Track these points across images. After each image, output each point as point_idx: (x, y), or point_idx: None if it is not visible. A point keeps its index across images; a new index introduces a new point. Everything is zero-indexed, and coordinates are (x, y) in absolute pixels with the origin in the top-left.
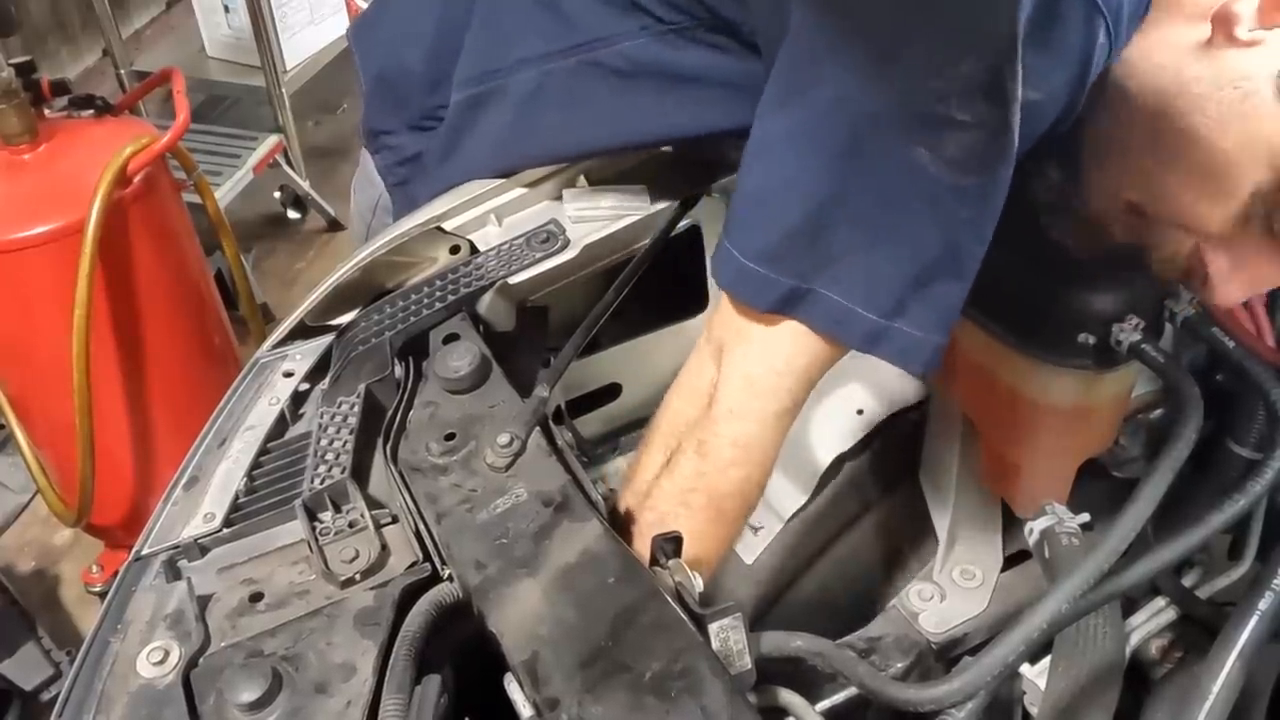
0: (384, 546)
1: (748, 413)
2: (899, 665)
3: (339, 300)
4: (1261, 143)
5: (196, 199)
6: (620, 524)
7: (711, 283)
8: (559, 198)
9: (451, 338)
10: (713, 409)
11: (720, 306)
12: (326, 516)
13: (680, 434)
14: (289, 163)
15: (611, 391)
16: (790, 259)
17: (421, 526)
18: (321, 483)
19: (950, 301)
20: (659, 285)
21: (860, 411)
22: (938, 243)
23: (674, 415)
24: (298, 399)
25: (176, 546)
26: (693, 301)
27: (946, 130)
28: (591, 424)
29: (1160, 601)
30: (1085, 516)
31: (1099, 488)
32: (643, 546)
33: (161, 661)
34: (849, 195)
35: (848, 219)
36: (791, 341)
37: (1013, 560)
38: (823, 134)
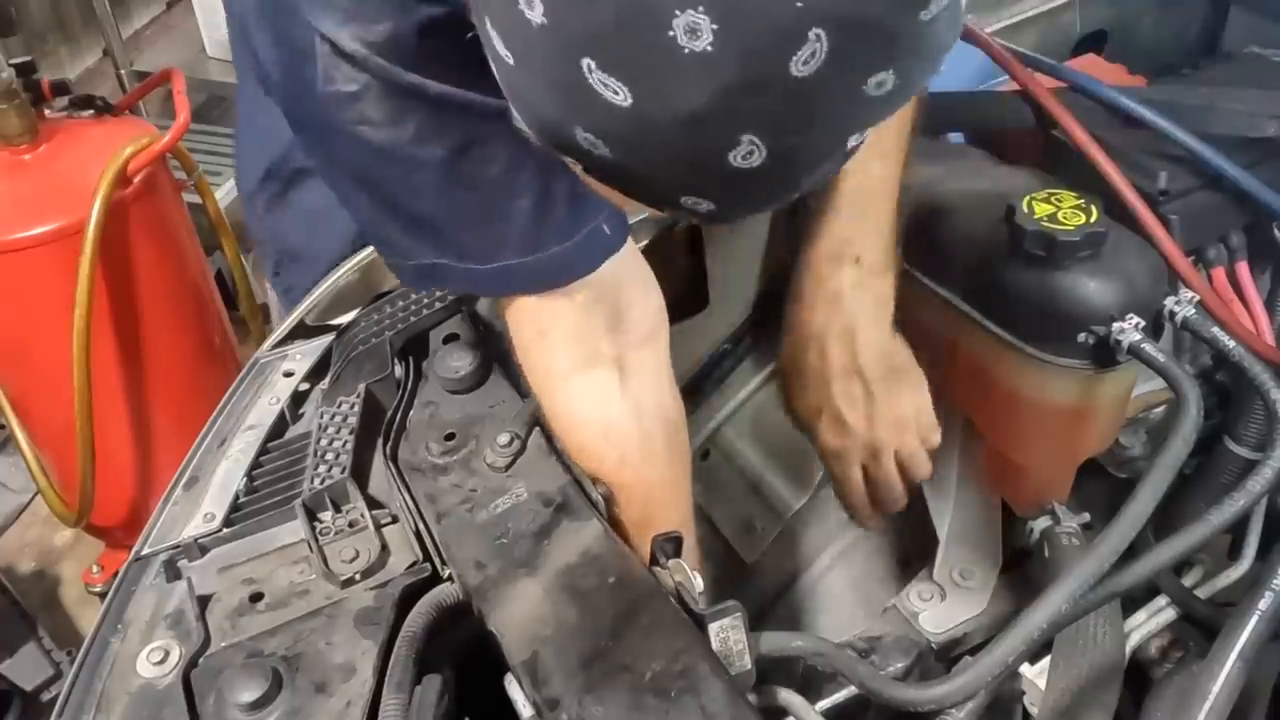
0: (384, 546)
1: (537, 390)
2: (899, 665)
3: (339, 300)
4: None
5: (197, 199)
6: None
7: (713, 281)
8: None
9: (451, 338)
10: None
11: None
12: (326, 516)
13: None
14: None
15: None
16: (391, 246)
17: (421, 526)
18: (321, 483)
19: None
20: (659, 285)
21: None
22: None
23: None
24: (298, 399)
25: (177, 546)
26: (692, 301)
27: (351, 103)
28: None
29: (1160, 601)
30: (1085, 516)
31: (1099, 487)
32: None
33: (161, 661)
34: (356, 182)
35: (370, 195)
36: (512, 316)
37: (1013, 560)
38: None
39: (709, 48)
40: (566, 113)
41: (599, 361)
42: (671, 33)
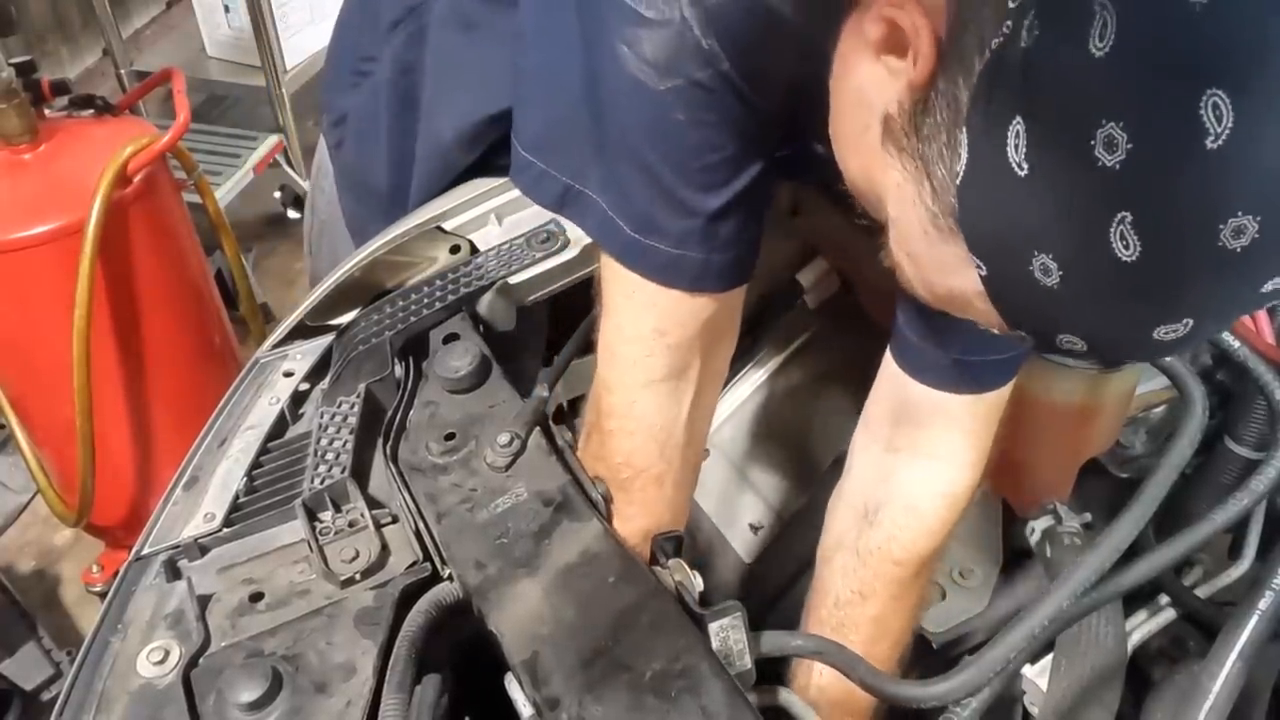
0: (384, 546)
1: (614, 384)
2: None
3: (339, 300)
4: (872, 180)
5: (197, 199)
6: None
7: None
8: None
9: (452, 337)
10: (595, 382)
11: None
12: (326, 516)
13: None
14: (289, 162)
15: None
16: (559, 153)
17: (421, 526)
18: (322, 482)
19: (693, 221)
20: None
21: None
22: (660, 152)
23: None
24: (298, 399)
25: (177, 546)
26: None
27: (640, 26)
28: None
29: (1161, 601)
30: (1086, 516)
31: (1100, 486)
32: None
33: (162, 661)
34: (586, 85)
35: (590, 112)
36: (630, 303)
37: (1014, 559)
38: (569, 17)
39: (1242, 248)
40: (1050, 240)
41: (686, 378)
42: (1221, 230)
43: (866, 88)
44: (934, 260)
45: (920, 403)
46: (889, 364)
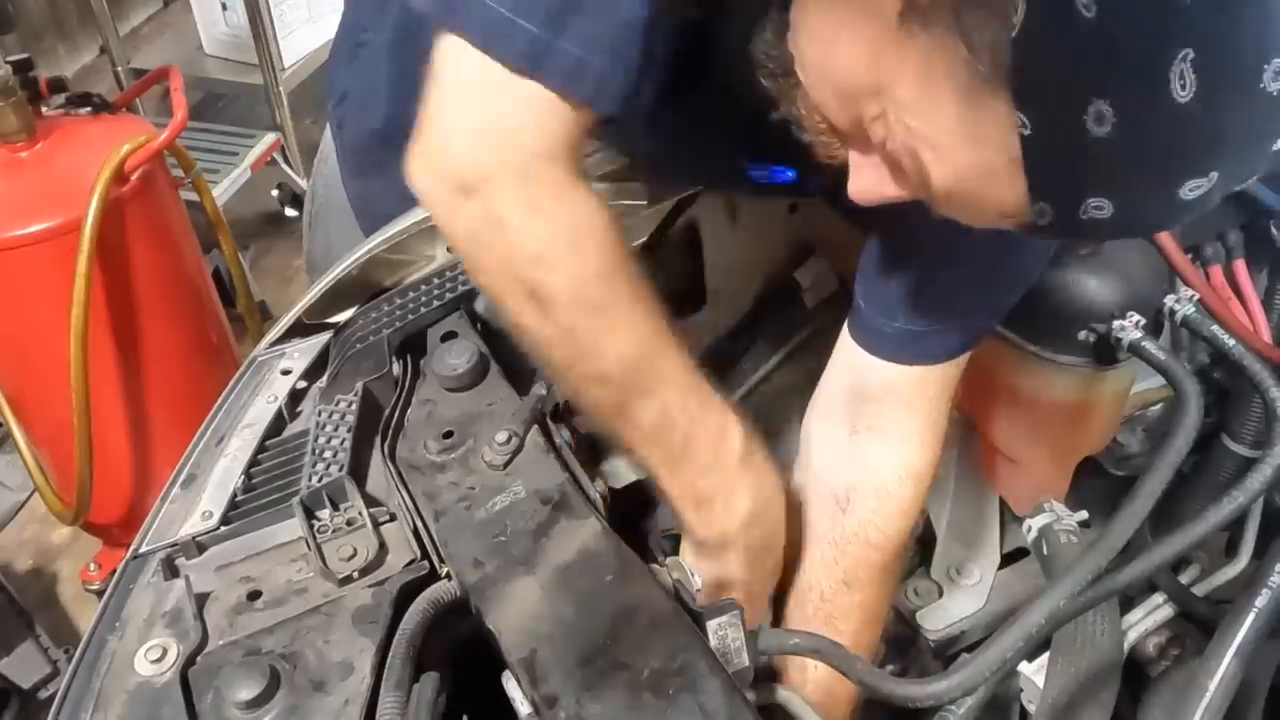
0: (382, 544)
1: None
2: (897, 662)
3: (337, 298)
4: (879, 69)
5: (194, 197)
6: None
7: (710, 280)
8: None
9: (449, 335)
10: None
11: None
12: (324, 514)
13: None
14: (287, 161)
15: None
16: None
17: (419, 524)
18: (319, 481)
19: (613, 22)
20: (655, 283)
21: None
22: None
23: None
24: (295, 397)
25: (174, 544)
26: (690, 299)
27: None
28: (589, 422)
29: (1158, 599)
30: (1083, 514)
31: (1097, 485)
32: None
33: (159, 659)
34: None
35: None
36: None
37: (1010, 558)
38: None
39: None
40: (1108, 83)
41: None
42: (1265, 70)
43: None
44: (964, 132)
45: (876, 380)
46: (844, 346)
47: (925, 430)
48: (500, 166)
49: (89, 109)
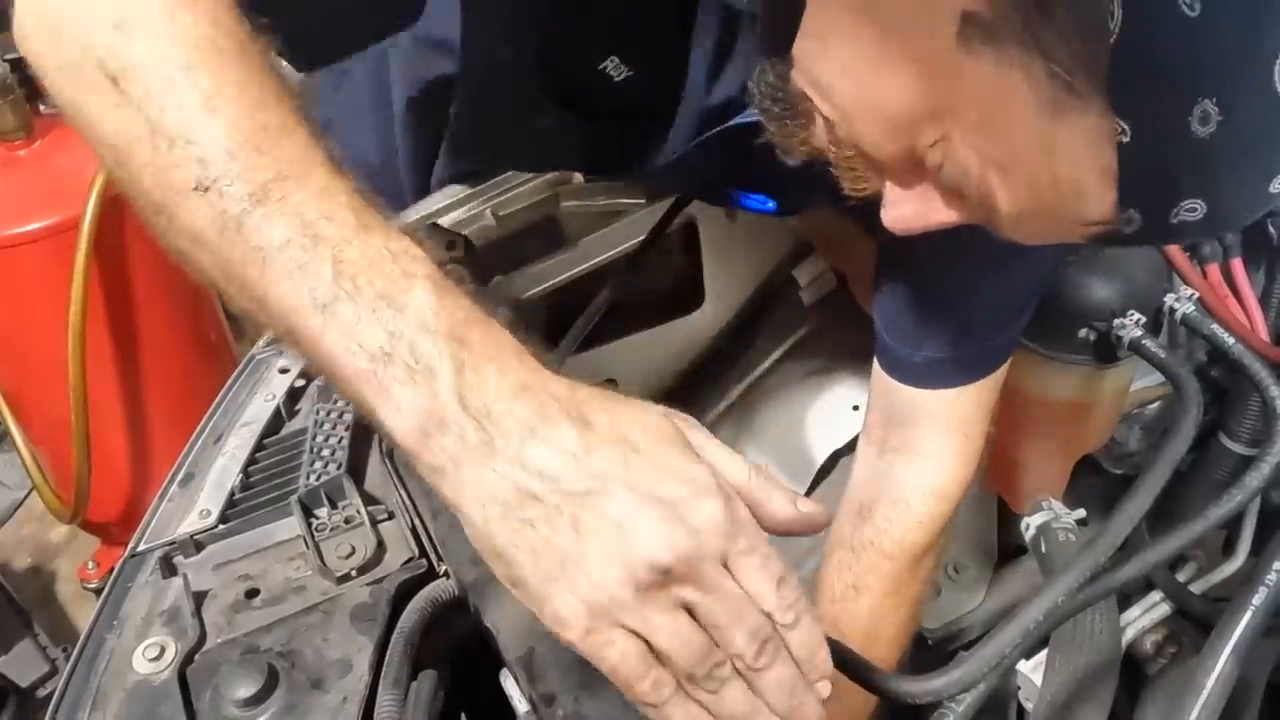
0: (380, 543)
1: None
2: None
3: None
4: (936, 95)
5: None
6: None
7: (709, 279)
8: (555, 194)
9: None
10: None
11: None
12: (322, 513)
13: None
14: None
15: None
16: None
17: (418, 522)
18: (318, 479)
19: None
20: (654, 282)
21: (856, 408)
22: None
23: None
24: (294, 395)
25: (172, 543)
26: (688, 298)
27: None
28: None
29: (1155, 596)
30: (1081, 512)
31: (1095, 483)
32: None
33: (158, 658)
34: None
35: None
36: None
37: (1008, 555)
38: None
39: None
40: (1217, 80)
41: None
42: None
43: None
44: (1043, 151)
45: (903, 402)
46: (875, 371)
47: (954, 450)
48: None
49: None
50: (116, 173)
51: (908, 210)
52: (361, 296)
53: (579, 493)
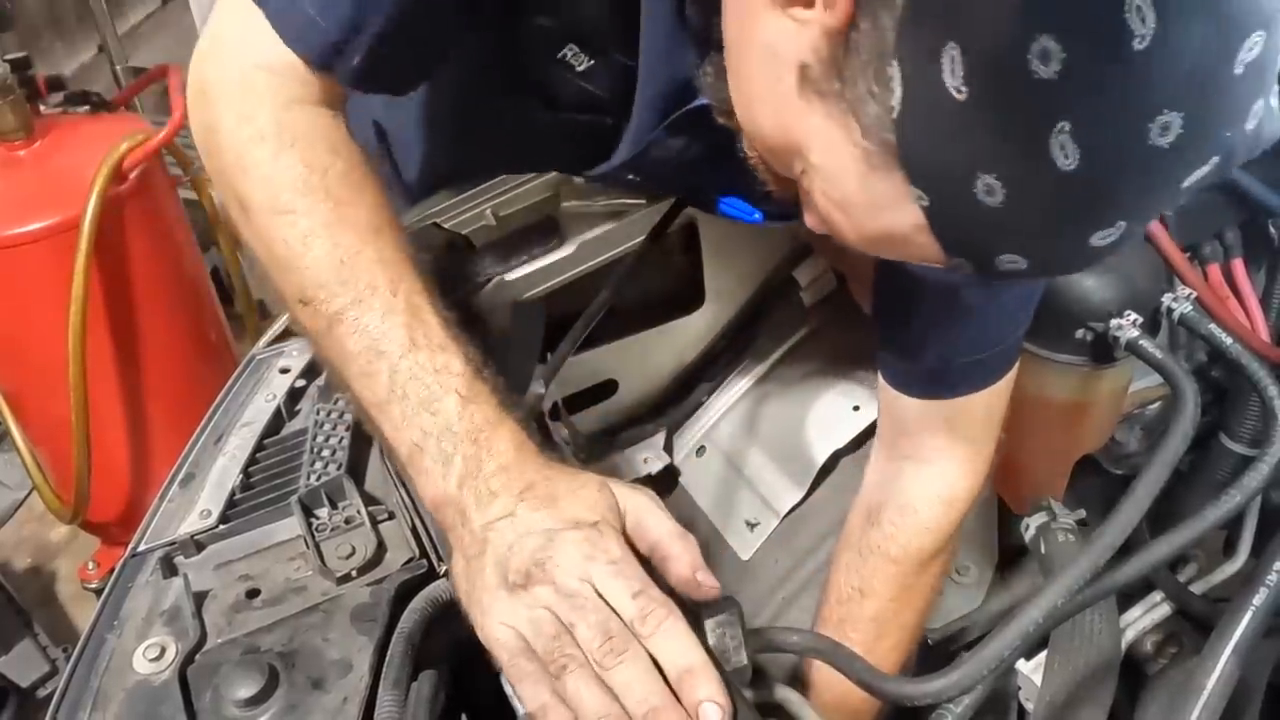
0: (380, 543)
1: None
2: None
3: None
4: (790, 133)
5: (192, 195)
6: None
7: (709, 279)
8: (555, 195)
9: None
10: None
11: None
12: (323, 513)
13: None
14: None
15: (608, 388)
16: None
17: (418, 522)
18: (318, 479)
19: None
20: (655, 282)
21: (857, 408)
22: None
23: None
24: (294, 395)
25: (173, 543)
26: (689, 298)
27: None
28: (588, 420)
29: (1155, 597)
30: (1081, 512)
31: (1094, 483)
32: None
33: (158, 658)
34: None
35: None
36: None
37: (1008, 556)
38: None
39: (1168, 144)
40: (992, 159)
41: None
42: (1150, 128)
43: (775, 43)
44: (867, 201)
45: (909, 414)
46: (881, 383)
47: (960, 459)
48: (225, 73)
49: (87, 107)
50: (256, 262)
51: (812, 219)
52: (407, 402)
53: (506, 542)
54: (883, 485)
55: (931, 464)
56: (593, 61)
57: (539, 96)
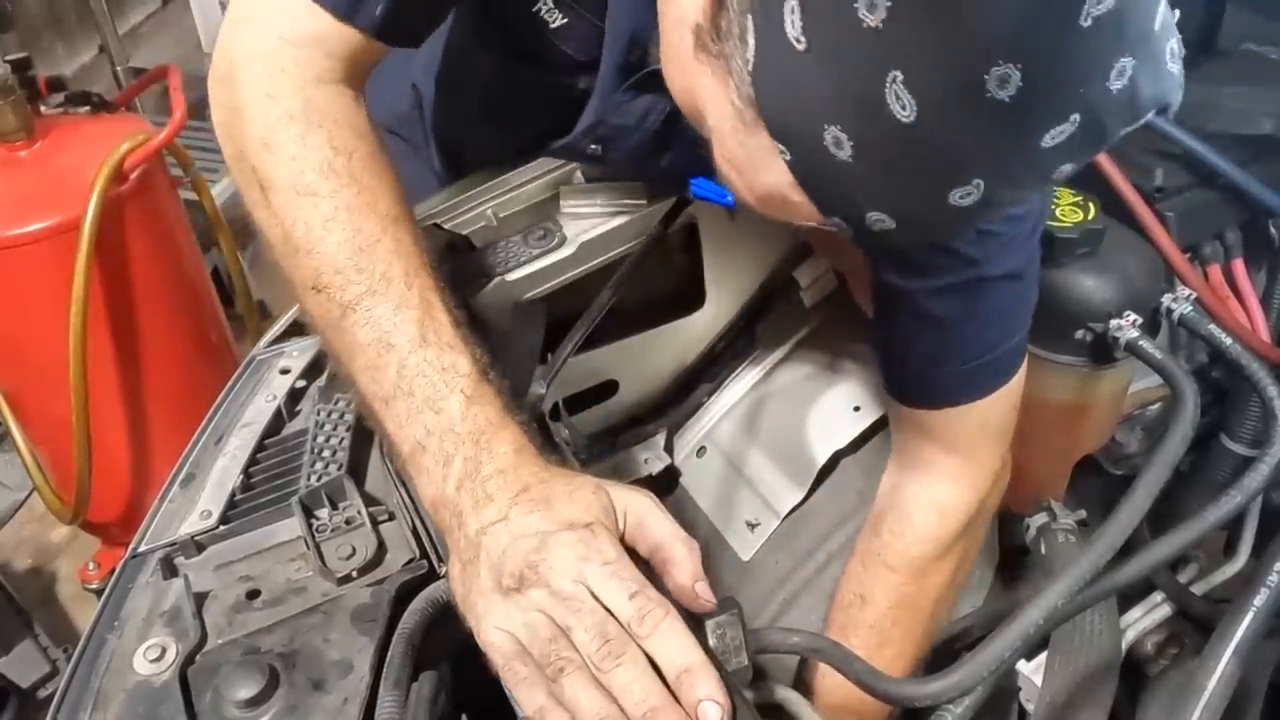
0: (381, 543)
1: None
2: None
3: None
4: (693, 95)
5: (193, 196)
6: None
7: (710, 279)
8: (556, 195)
9: None
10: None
11: None
12: (323, 513)
13: None
14: None
15: (608, 388)
16: None
17: (418, 523)
18: (318, 480)
19: None
20: (655, 282)
21: (857, 409)
22: None
23: None
24: (294, 396)
25: (173, 544)
26: (689, 298)
27: None
28: (589, 421)
29: (1156, 597)
30: (1081, 513)
31: (1095, 484)
32: None
33: (158, 658)
34: None
35: None
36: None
37: (1008, 556)
38: None
39: (1009, 97)
40: (835, 110)
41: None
42: (987, 79)
43: (680, 3)
44: (748, 158)
45: (909, 422)
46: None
47: (956, 470)
48: (251, 51)
49: (88, 108)
50: (268, 248)
51: (720, 181)
52: (412, 398)
53: (500, 545)
54: (887, 493)
55: (926, 473)
56: (565, 20)
57: (518, 52)
